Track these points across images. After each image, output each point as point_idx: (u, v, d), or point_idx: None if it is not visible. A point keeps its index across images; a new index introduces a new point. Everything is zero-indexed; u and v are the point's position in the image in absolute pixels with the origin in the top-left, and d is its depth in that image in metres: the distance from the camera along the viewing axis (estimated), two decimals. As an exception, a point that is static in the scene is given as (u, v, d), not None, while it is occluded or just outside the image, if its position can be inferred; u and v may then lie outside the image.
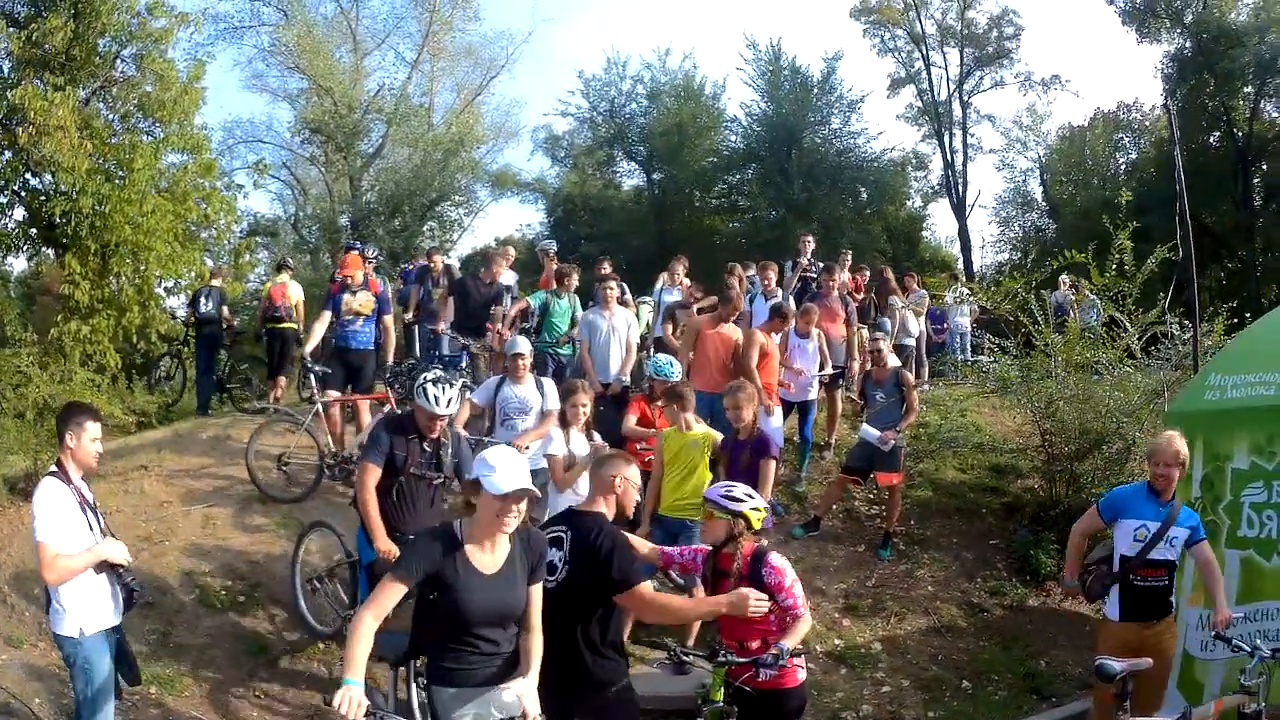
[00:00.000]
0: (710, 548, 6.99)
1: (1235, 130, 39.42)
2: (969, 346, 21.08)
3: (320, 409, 12.64)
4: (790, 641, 6.49)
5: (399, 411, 11.31)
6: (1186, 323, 13.61)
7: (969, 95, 48.04)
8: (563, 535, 6.41)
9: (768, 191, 43.25)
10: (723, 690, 6.50)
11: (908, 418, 12.76)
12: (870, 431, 12.52)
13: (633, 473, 6.69)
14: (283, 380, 16.50)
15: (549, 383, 11.48)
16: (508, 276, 16.31)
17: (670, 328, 15.27)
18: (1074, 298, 17.86)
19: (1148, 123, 44.86)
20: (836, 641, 11.11)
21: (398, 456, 8.45)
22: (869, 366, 13.77)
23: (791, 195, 41.93)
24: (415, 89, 43.32)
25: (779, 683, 6.60)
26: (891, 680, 10.37)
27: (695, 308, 15.43)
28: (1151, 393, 12.96)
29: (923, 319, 20.58)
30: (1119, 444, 12.92)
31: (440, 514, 8.82)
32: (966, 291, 21.23)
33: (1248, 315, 12.59)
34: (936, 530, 13.35)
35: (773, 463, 10.17)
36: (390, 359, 13.77)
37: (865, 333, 16.05)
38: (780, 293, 15.92)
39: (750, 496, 6.84)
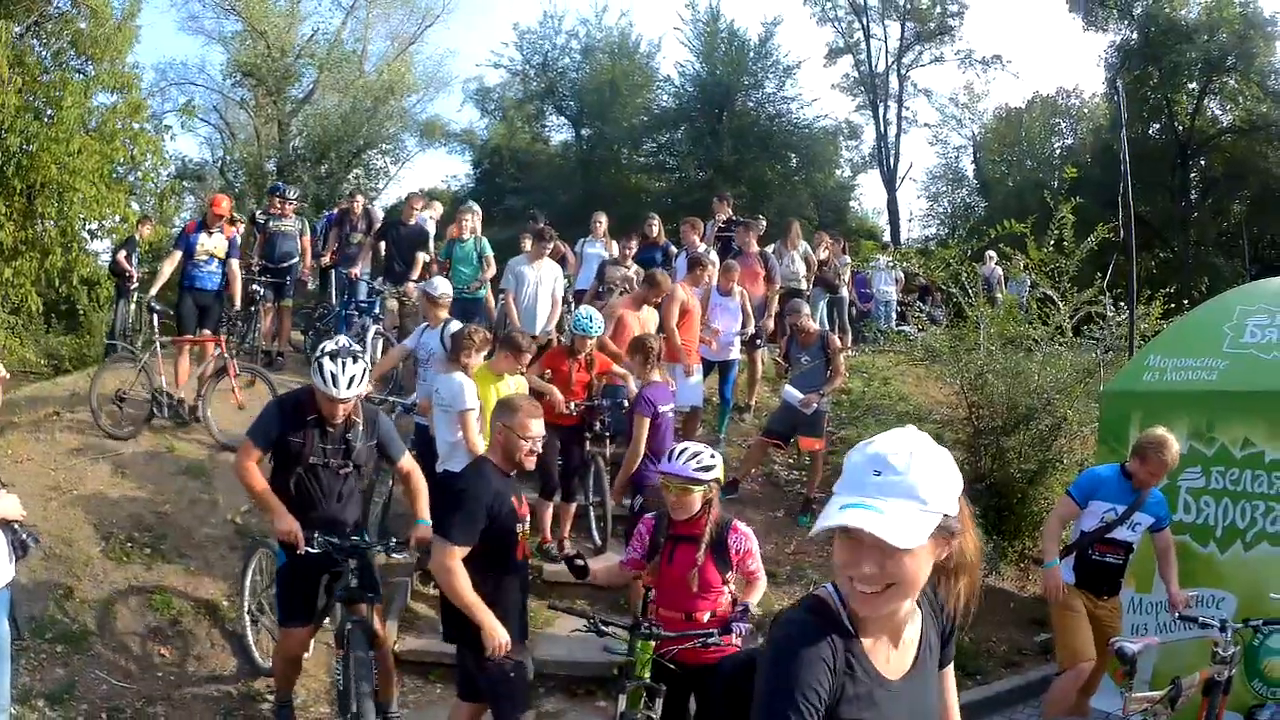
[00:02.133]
0: (654, 516, 6.69)
1: (1177, 124, 39.93)
2: (894, 315, 20.91)
3: (158, 348, 12.37)
4: (754, 599, 6.44)
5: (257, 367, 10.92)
6: (1122, 304, 13.52)
7: (907, 69, 48.53)
8: None
9: (697, 152, 43.53)
10: (649, 667, 6.10)
11: (833, 381, 12.44)
12: (792, 393, 12.15)
13: (532, 426, 6.55)
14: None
15: (453, 325, 10.97)
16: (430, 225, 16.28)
17: (597, 286, 14.99)
18: (1000, 272, 17.75)
19: (1086, 110, 45.73)
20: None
21: (291, 444, 7.22)
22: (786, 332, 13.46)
23: (720, 157, 41.96)
24: (349, 35, 42.92)
25: (713, 656, 6.03)
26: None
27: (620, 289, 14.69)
28: (1084, 371, 12.83)
29: (846, 287, 20.20)
30: (1048, 420, 12.67)
31: (357, 504, 7.76)
32: (889, 260, 21.17)
33: (1185, 303, 12.40)
34: (858, 499, 12.90)
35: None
36: (236, 303, 13.44)
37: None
38: (702, 246, 15.52)
39: (713, 456, 6.41)
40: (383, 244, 15.62)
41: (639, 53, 47.21)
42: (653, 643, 6.09)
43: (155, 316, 12.60)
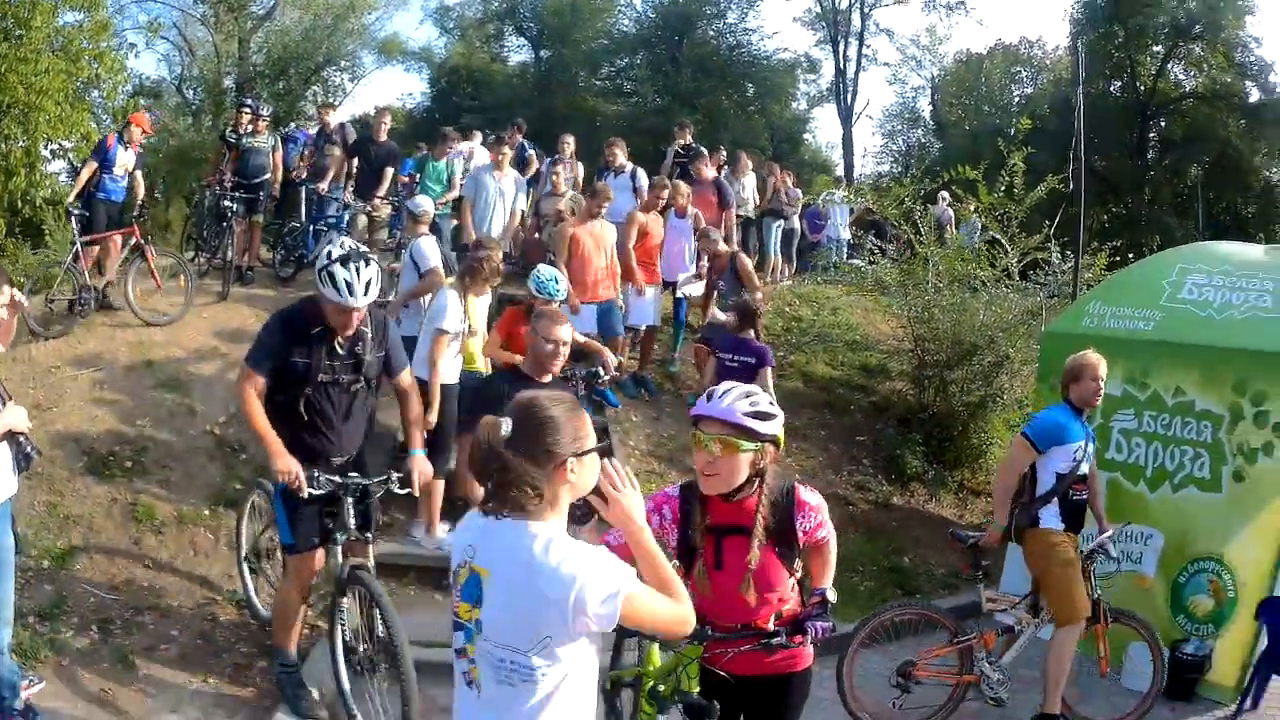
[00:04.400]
0: (678, 491, 4.73)
1: (1139, 84, 40.50)
2: (845, 251, 21.21)
3: (80, 249, 12.71)
4: (829, 578, 4.81)
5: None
6: (1069, 253, 13.92)
7: (870, 8, 48.66)
8: None
9: (655, 78, 43.68)
10: (697, 677, 4.61)
11: (753, 294, 12.36)
12: (718, 314, 12.42)
13: (560, 331, 6.79)
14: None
15: (425, 242, 11.21)
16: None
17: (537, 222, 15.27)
18: (952, 214, 18.10)
19: (1048, 61, 46.05)
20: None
21: (296, 365, 6.51)
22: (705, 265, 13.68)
23: (679, 84, 42.15)
24: (312, -50, 42.11)
25: (788, 663, 4.64)
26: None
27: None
28: (1027, 313, 13.26)
29: (796, 217, 20.66)
30: (991, 357, 13.12)
31: (364, 422, 7.11)
32: (842, 194, 21.55)
33: (1130, 257, 12.85)
34: (805, 421, 13.41)
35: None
36: (139, 203, 13.81)
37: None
38: (629, 167, 15.60)
39: (773, 403, 4.49)
40: (353, 160, 15.79)
41: (602, -25, 46.92)
42: (701, 644, 4.48)
43: (74, 220, 13.01)
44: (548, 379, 6.82)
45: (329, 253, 6.41)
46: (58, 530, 8.90)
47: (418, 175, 15.57)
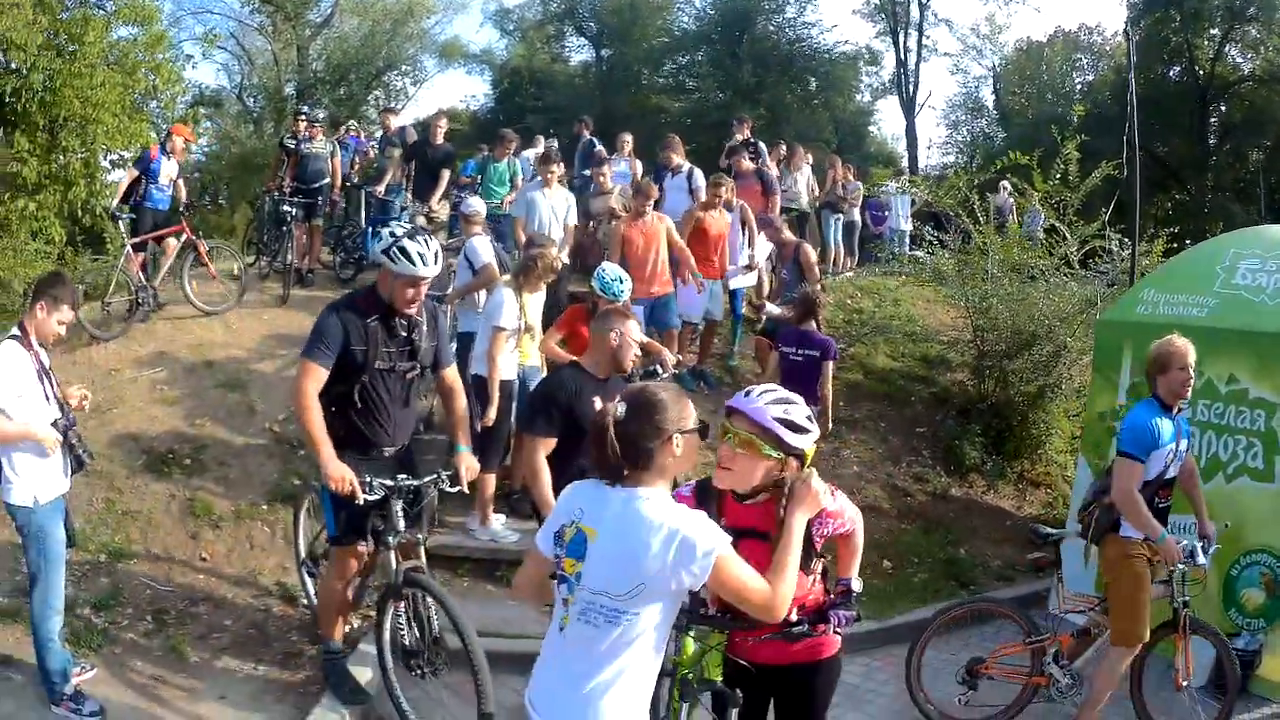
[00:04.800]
0: (693, 488, 4.65)
1: (1197, 68, 40.02)
2: (906, 242, 21.20)
3: (130, 251, 13.21)
4: (855, 568, 4.81)
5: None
6: (1126, 240, 13.86)
7: (929, -2, 47.91)
8: None
9: (716, 74, 43.94)
10: (721, 666, 4.64)
11: (814, 286, 12.22)
12: (772, 309, 12.60)
13: (631, 327, 6.78)
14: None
15: (478, 240, 11.37)
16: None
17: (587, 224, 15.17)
18: (1014, 202, 18.06)
19: (1108, 47, 45.71)
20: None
21: (355, 352, 6.47)
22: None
23: (740, 79, 42.24)
24: (368, -43, 42.44)
25: (811, 652, 4.64)
26: (815, 551, 10.50)
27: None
28: (1086, 302, 13.18)
29: (856, 210, 20.73)
30: (1050, 346, 13.10)
31: (417, 412, 7.46)
32: (898, 186, 21.57)
33: (1188, 243, 12.77)
34: (865, 413, 13.48)
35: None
36: (183, 204, 14.33)
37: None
38: (685, 167, 15.59)
39: (810, 419, 4.38)
40: (412, 163, 16.00)
41: (659, -26, 47.03)
42: (724, 634, 4.58)
43: (121, 224, 13.61)
44: (609, 376, 6.81)
45: (392, 232, 6.51)
46: (115, 526, 9.22)
47: (479, 177, 15.73)
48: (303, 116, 16.43)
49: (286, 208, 14.69)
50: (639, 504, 3.65)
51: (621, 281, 9.48)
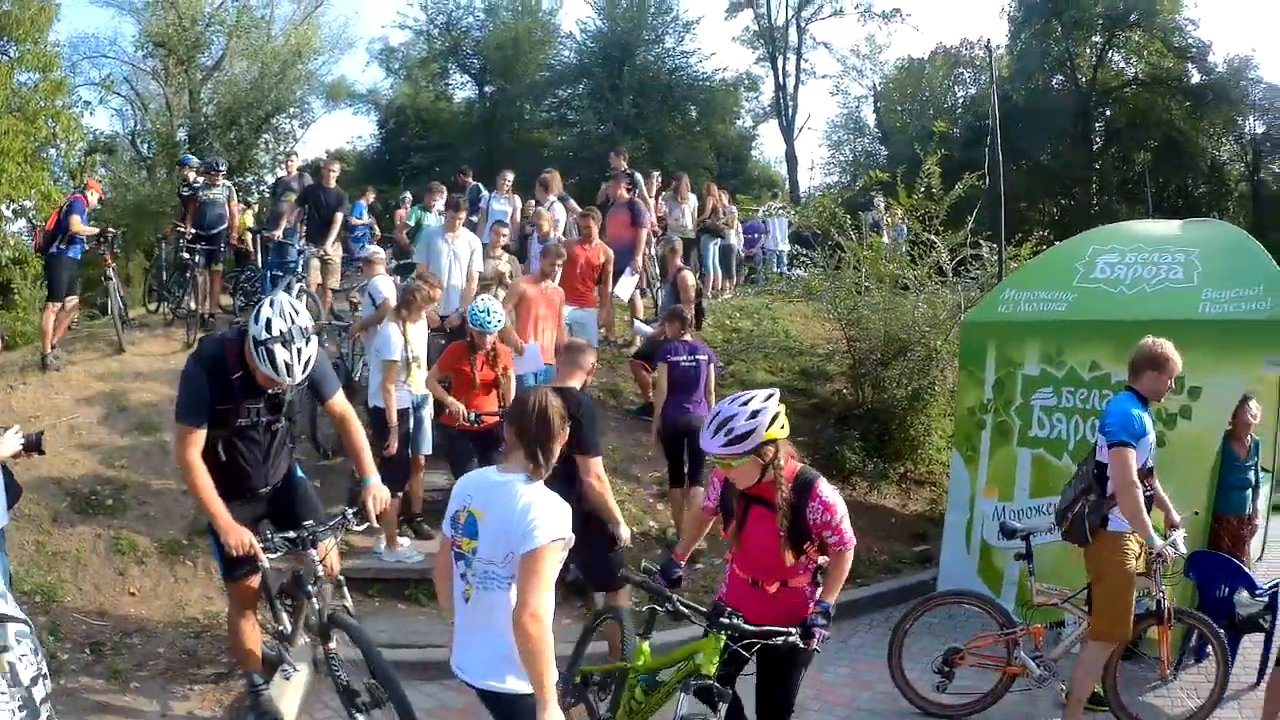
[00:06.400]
0: (720, 482, 5.73)
1: (1079, 75, 41.05)
2: (786, 263, 21.53)
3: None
4: (835, 593, 5.48)
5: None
6: (994, 245, 14.29)
7: (806, 22, 48.98)
8: None
9: (597, 106, 44.24)
10: (717, 661, 5.34)
11: (687, 306, 12.67)
12: (642, 328, 13.29)
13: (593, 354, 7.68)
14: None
15: (380, 280, 11.76)
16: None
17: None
18: (886, 218, 18.46)
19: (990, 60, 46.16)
20: (651, 523, 11.58)
21: (217, 411, 6.32)
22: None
23: (621, 110, 42.49)
24: (257, 1, 42.39)
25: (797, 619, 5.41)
26: (704, 559, 10.75)
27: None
28: (957, 307, 13.53)
29: (733, 233, 20.87)
30: (922, 351, 13.58)
31: (289, 453, 7.03)
32: (780, 206, 21.94)
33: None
34: (747, 426, 13.62)
35: None
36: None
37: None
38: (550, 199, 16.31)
39: (753, 416, 5.25)
40: (305, 206, 15.95)
41: (541, 10, 47.82)
42: (724, 636, 5.30)
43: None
44: None
45: (268, 322, 6.09)
46: (47, 566, 9.39)
47: (412, 226, 16.42)
48: (188, 166, 16.61)
49: (186, 254, 14.85)
50: (517, 493, 4.56)
51: (489, 313, 9.67)
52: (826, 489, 5.36)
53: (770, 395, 5.37)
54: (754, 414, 5.20)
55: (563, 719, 4.33)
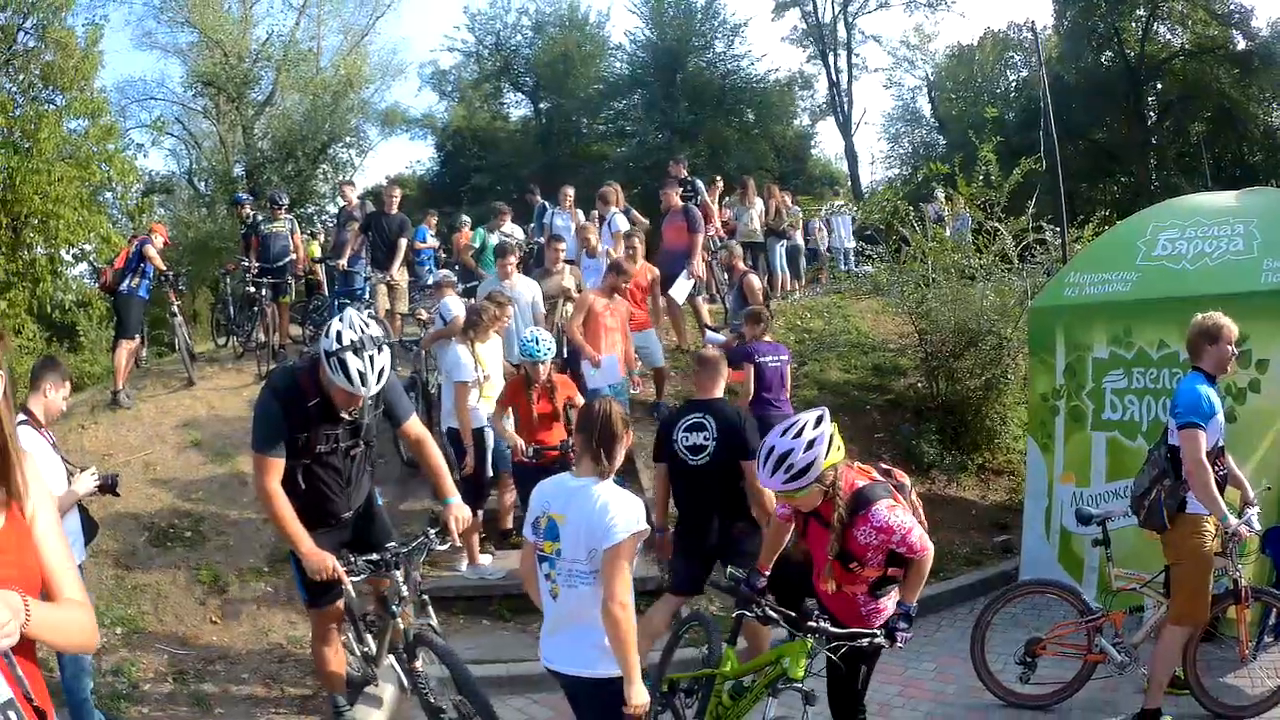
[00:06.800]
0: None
1: (1127, 51, 40.51)
2: (853, 260, 21.53)
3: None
4: (916, 595, 5.62)
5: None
6: (1056, 228, 14.29)
7: (854, 17, 48.99)
8: (704, 420, 7.44)
9: (654, 115, 44.23)
10: (805, 664, 5.49)
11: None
12: (714, 336, 13.18)
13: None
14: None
15: (451, 299, 12.13)
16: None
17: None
18: (947, 209, 18.41)
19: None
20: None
21: (296, 439, 6.33)
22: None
23: (677, 118, 42.62)
24: (303, 34, 43.09)
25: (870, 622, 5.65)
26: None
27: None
28: (1023, 293, 13.53)
29: (798, 233, 21.05)
30: (993, 340, 13.55)
31: (369, 478, 7.03)
32: (842, 204, 21.91)
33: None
34: (821, 427, 13.68)
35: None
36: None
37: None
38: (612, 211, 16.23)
39: (807, 440, 5.30)
40: (368, 234, 16.17)
41: (589, 24, 48.29)
42: (810, 639, 5.43)
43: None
44: None
45: (338, 334, 6.05)
46: (127, 599, 9.61)
47: (478, 248, 16.78)
48: (241, 204, 17.15)
49: (253, 289, 15.26)
50: (595, 494, 4.94)
51: (537, 341, 9.63)
52: (883, 511, 5.34)
53: (820, 418, 5.40)
54: (810, 444, 5.26)
55: (646, 695, 4.77)
